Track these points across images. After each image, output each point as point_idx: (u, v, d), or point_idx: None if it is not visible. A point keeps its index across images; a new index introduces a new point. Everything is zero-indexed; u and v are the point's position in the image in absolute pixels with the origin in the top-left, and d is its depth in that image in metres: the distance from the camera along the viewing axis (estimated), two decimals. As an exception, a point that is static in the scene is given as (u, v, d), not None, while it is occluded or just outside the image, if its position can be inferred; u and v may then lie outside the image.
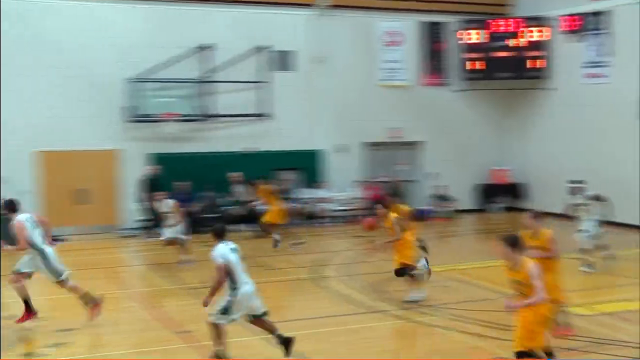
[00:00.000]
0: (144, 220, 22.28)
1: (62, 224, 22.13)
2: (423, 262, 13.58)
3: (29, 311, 12.09)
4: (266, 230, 20.41)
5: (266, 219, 20.16)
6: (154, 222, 21.19)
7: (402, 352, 10.67)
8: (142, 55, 22.70)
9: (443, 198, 25.93)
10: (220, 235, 9.83)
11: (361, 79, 25.69)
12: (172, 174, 22.38)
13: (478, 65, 26.29)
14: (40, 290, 14.34)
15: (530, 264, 8.20)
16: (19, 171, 21.68)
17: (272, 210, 20.09)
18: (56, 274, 12.01)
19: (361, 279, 15.13)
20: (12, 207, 12.30)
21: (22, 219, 12.04)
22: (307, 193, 24.53)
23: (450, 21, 26.65)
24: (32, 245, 11.94)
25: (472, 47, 26.33)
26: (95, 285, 15.49)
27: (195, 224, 20.60)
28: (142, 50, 22.77)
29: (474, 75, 26.52)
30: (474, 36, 26.30)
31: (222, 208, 23.11)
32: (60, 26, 22.34)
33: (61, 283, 12.11)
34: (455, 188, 26.11)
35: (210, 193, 23.05)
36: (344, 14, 25.41)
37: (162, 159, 22.88)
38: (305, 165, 25.08)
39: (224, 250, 9.61)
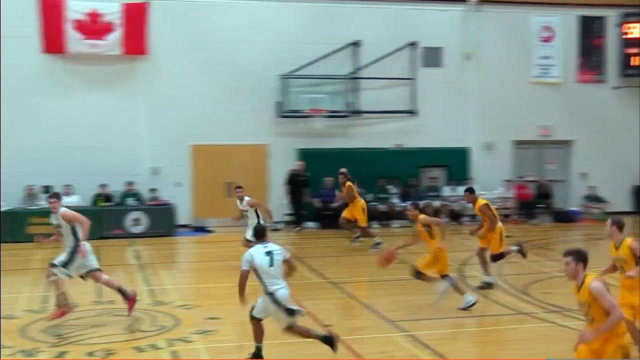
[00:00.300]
0: (290, 214, 22.74)
1: (212, 215, 23.00)
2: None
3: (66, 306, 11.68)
4: (346, 227, 19.58)
5: (345, 215, 19.33)
6: (300, 216, 21.61)
7: (550, 355, 10.36)
8: (295, 51, 23.15)
9: (594, 199, 24.96)
10: (259, 236, 9.50)
11: (511, 76, 25.09)
12: (319, 170, 22.70)
13: (640, 60, 25.17)
14: (190, 280, 14.95)
15: (592, 282, 7.18)
16: (174, 163, 22.71)
17: (351, 208, 19.22)
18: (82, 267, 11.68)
19: (507, 280, 14.80)
20: (60, 197, 11.87)
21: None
22: (452, 191, 24.25)
23: (611, 15, 25.58)
24: (76, 237, 11.62)
25: (635, 42, 25.16)
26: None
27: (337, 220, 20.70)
28: (294, 47, 23.21)
29: (635, 72, 25.33)
30: (638, 30, 25.13)
31: (368, 204, 23.22)
32: (217, 24, 23.14)
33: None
34: (608, 189, 25.06)
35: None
36: (496, 10, 24.92)
37: (309, 154, 23.22)
38: (451, 162, 24.80)
39: (256, 252, 9.24)
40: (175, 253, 20.40)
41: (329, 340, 9.59)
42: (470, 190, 14.55)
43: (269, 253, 9.28)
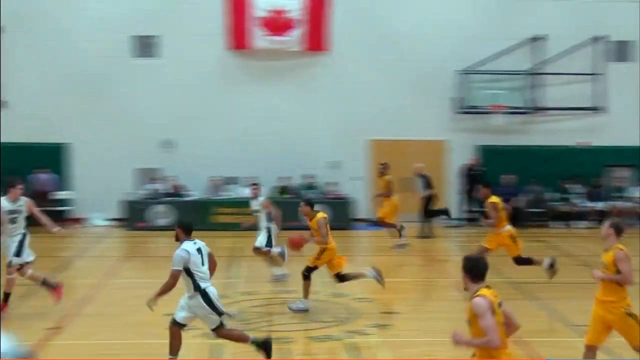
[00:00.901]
0: (467, 211, 22.44)
1: (389, 210, 22.99)
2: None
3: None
4: (384, 225, 18.91)
5: (380, 214, 18.81)
6: (477, 212, 21.26)
7: None
8: (474, 46, 22.76)
9: None
10: (188, 232, 9.02)
11: None
12: (499, 167, 22.27)
13: None
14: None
15: (476, 298, 6.33)
16: (353, 158, 23.03)
17: (385, 206, 18.65)
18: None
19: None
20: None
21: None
22: (641, 192, 23.06)
23: None
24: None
25: None
26: (419, 272, 15.92)
27: (520, 219, 20.26)
28: (474, 42, 22.83)
29: None
30: None
31: (549, 204, 22.60)
32: (397, 20, 23.11)
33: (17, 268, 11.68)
34: None
35: (537, 187, 22.54)
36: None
37: (488, 151, 22.82)
38: (641, 162, 23.56)
39: (191, 249, 8.80)
40: (353, 246, 20.55)
41: (265, 345, 9.18)
42: (485, 185, 14.12)
43: (199, 250, 8.95)
